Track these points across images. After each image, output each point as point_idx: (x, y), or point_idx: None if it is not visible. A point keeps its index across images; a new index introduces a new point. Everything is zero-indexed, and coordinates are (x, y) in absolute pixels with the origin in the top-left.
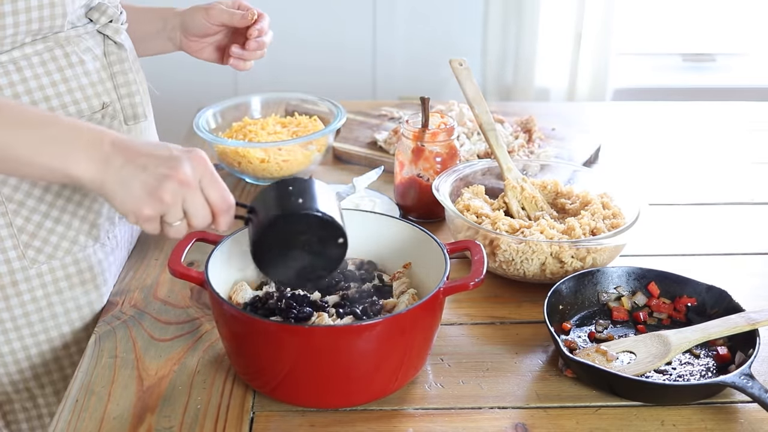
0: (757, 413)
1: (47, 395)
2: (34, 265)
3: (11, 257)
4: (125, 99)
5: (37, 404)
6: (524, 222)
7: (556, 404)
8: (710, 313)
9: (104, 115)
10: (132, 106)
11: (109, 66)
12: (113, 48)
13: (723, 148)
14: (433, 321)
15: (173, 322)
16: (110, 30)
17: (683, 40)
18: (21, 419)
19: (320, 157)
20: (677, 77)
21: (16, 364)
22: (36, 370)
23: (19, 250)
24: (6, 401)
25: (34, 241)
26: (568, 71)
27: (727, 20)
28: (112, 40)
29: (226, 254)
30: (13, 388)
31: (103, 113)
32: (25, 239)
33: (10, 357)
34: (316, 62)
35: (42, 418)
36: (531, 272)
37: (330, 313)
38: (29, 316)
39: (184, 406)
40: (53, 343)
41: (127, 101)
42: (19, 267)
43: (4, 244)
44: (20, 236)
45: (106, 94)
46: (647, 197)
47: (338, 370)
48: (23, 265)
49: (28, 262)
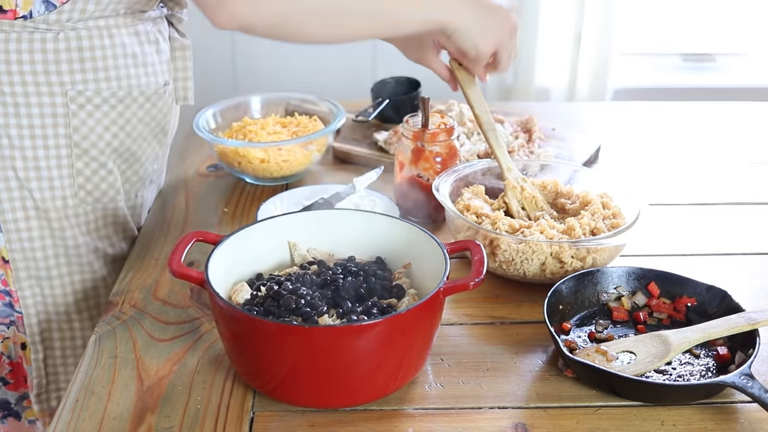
0: (757, 413)
1: (83, 320)
2: (83, 205)
3: (67, 194)
4: (180, 82)
5: (72, 327)
6: (524, 222)
7: (556, 404)
8: (710, 313)
9: (165, 92)
10: (184, 89)
11: (173, 50)
12: (177, 35)
13: (723, 148)
14: (433, 321)
15: (173, 322)
16: (175, 19)
17: (683, 40)
18: (55, 338)
19: (320, 157)
20: (677, 77)
21: (62, 287)
22: (77, 296)
23: (74, 189)
24: (45, 320)
25: (87, 184)
26: (568, 71)
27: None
28: (175, 28)
29: (226, 254)
30: (55, 309)
31: (165, 90)
32: (81, 181)
33: (58, 281)
34: (316, 62)
35: (74, 339)
36: (531, 272)
37: (330, 313)
38: (79, 248)
39: (184, 406)
40: (95, 274)
41: (181, 84)
42: (71, 204)
43: (63, 183)
44: (77, 178)
45: (168, 74)
46: (647, 197)
47: (338, 370)
48: (74, 203)
49: (78, 201)
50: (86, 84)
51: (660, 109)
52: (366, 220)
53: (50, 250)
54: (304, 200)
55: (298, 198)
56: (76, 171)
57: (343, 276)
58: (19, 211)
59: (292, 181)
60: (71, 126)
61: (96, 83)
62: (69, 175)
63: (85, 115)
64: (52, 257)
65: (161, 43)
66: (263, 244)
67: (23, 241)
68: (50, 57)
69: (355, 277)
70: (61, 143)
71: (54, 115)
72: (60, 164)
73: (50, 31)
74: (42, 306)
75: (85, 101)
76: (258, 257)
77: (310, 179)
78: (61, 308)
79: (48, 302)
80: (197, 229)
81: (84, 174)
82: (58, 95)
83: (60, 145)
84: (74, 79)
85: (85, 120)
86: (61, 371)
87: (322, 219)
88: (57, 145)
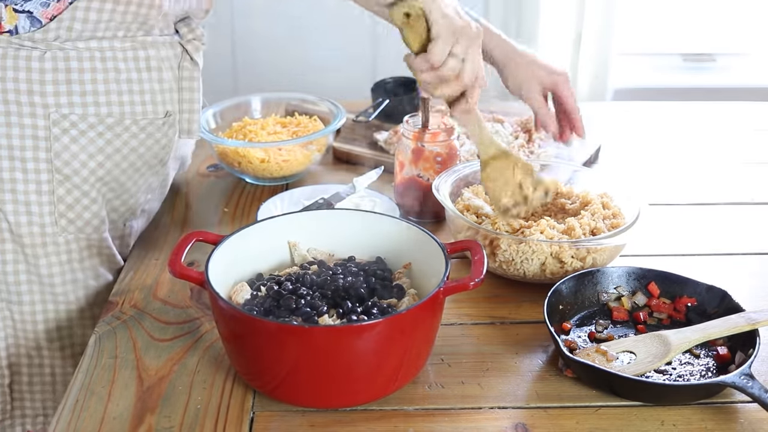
0: (757, 413)
1: (53, 349)
2: (63, 234)
3: (46, 222)
4: (185, 114)
5: (41, 355)
6: (524, 222)
7: (556, 404)
8: (710, 313)
9: (164, 123)
10: (189, 121)
11: (180, 80)
12: (188, 64)
13: (723, 148)
14: (433, 321)
15: (173, 322)
16: (191, 46)
17: (683, 40)
18: (23, 364)
19: (320, 157)
20: (677, 77)
21: (32, 315)
22: (48, 325)
23: (54, 217)
24: (14, 344)
25: (68, 213)
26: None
27: (727, 20)
28: (189, 55)
29: (226, 254)
30: (24, 335)
31: (164, 121)
32: (61, 209)
33: (29, 307)
34: (317, 62)
35: (42, 367)
36: (531, 272)
37: (330, 313)
38: (53, 277)
39: (184, 406)
40: (69, 306)
41: (186, 116)
42: (50, 232)
43: (42, 210)
44: (58, 205)
45: (171, 104)
46: (647, 197)
47: (338, 370)
48: (54, 231)
49: (58, 229)
50: (72, 107)
51: (660, 109)
52: (366, 220)
53: (23, 275)
54: (304, 200)
55: (298, 198)
56: (57, 198)
57: (343, 276)
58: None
59: (292, 181)
60: (53, 150)
61: (83, 107)
62: (49, 201)
63: (69, 140)
64: (25, 283)
65: (164, 71)
66: (263, 244)
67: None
68: (35, 76)
69: (355, 277)
70: (41, 167)
71: (35, 137)
72: (39, 189)
73: (36, 50)
74: (11, 330)
75: (69, 125)
76: (258, 257)
77: (310, 179)
78: (30, 335)
79: (18, 327)
80: (197, 229)
81: (65, 201)
82: (41, 117)
83: (40, 169)
84: (59, 102)
85: (68, 145)
86: (27, 398)
87: (322, 219)
88: (36, 169)
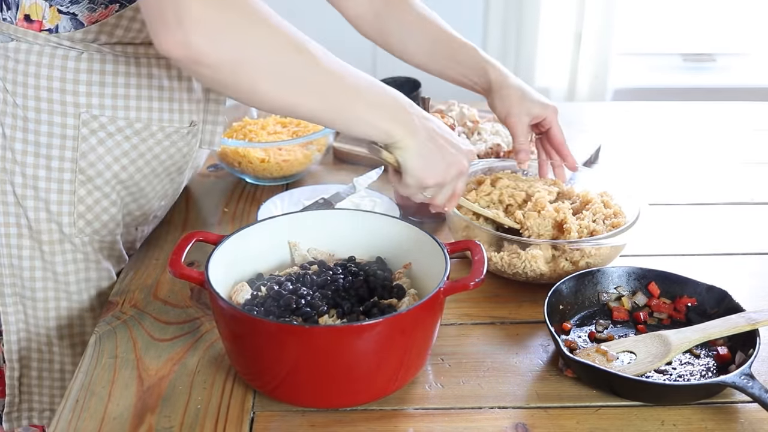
0: (757, 413)
1: (64, 346)
2: (80, 234)
3: (63, 222)
4: (209, 125)
5: (51, 351)
6: (523, 220)
7: (556, 404)
8: (710, 313)
9: (189, 132)
10: (212, 133)
11: (208, 91)
12: None
13: (723, 148)
14: (433, 321)
15: (173, 322)
16: None
17: (683, 40)
18: (33, 358)
19: (320, 157)
20: (677, 77)
21: (45, 311)
22: (60, 322)
23: (72, 218)
24: (26, 339)
25: (87, 214)
26: (568, 71)
27: (727, 20)
28: None
29: (226, 254)
30: (36, 331)
31: (189, 130)
32: (81, 209)
33: (42, 303)
34: None
35: (52, 363)
36: (531, 272)
37: (330, 313)
38: (68, 275)
39: (184, 406)
40: (82, 304)
41: (209, 128)
42: (67, 232)
43: (61, 209)
44: (78, 205)
45: (197, 114)
46: (647, 197)
47: (338, 370)
48: (71, 232)
49: (75, 230)
50: (102, 109)
51: (660, 109)
52: (366, 220)
53: (39, 272)
54: (304, 200)
55: (298, 198)
56: (78, 198)
57: (343, 276)
58: (13, 227)
59: (292, 181)
60: (79, 150)
61: (113, 110)
62: (69, 201)
63: (96, 142)
64: (40, 279)
65: (194, 81)
66: (263, 244)
67: (12, 258)
68: (69, 76)
69: (355, 277)
70: (65, 167)
71: (63, 136)
72: (61, 189)
73: (74, 50)
74: (23, 325)
75: (98, 127)
76: (258, 257)
77: (310, 179)
78: (42, 330)
79: (30, 323)
80: (197, 229)
81: (86, 202)
82: (71, 116)
83: (64, 168)
84: (90, 102)
85: (95, 146)
86: (36, 392)
87: (322, 219)
88: (60, 168)
